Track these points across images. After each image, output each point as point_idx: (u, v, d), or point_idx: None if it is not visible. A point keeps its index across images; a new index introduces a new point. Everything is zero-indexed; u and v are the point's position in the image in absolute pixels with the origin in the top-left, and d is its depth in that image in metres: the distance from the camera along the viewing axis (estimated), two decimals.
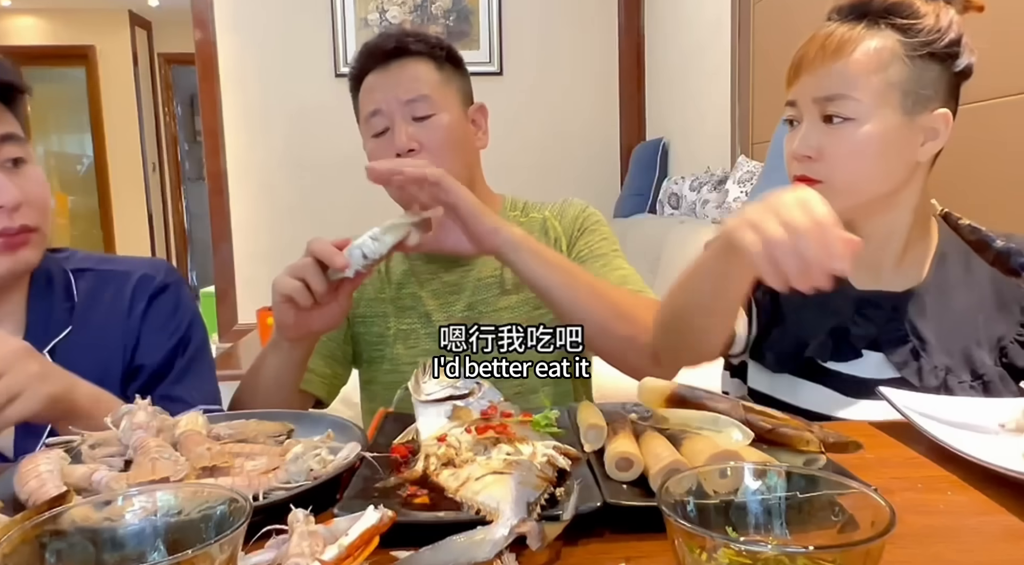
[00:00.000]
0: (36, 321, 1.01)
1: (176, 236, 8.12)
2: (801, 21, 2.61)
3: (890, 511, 0.45)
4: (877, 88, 0.92)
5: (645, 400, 0.77)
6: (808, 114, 0.96)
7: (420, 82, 1.18)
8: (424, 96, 1.17)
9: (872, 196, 0.96)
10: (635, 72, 4.20)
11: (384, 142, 1.18)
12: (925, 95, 0.93)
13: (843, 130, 0.93)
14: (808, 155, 0.94)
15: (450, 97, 1.21)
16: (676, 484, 0.50)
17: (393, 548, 0.54)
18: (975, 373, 0.95)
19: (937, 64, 0.93)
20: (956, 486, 0.69)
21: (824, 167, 0.94)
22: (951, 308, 0.98)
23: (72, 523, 0.47)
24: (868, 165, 0.93)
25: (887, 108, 0.92)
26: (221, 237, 4.05)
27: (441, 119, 1.18)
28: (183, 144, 8.36)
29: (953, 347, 0.96)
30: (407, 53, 1.19)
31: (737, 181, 2.74)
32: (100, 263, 1.11)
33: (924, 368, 0.95)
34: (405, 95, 1.17)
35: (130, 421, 0.75)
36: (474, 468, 0.63)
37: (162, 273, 1.11)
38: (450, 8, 4.04)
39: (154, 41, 7.78)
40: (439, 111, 1.18)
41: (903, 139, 0.94)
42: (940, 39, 0.92)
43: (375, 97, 1.19)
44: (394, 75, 1.18)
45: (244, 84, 3.97)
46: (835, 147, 0.93)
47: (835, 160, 0.93)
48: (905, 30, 0.92)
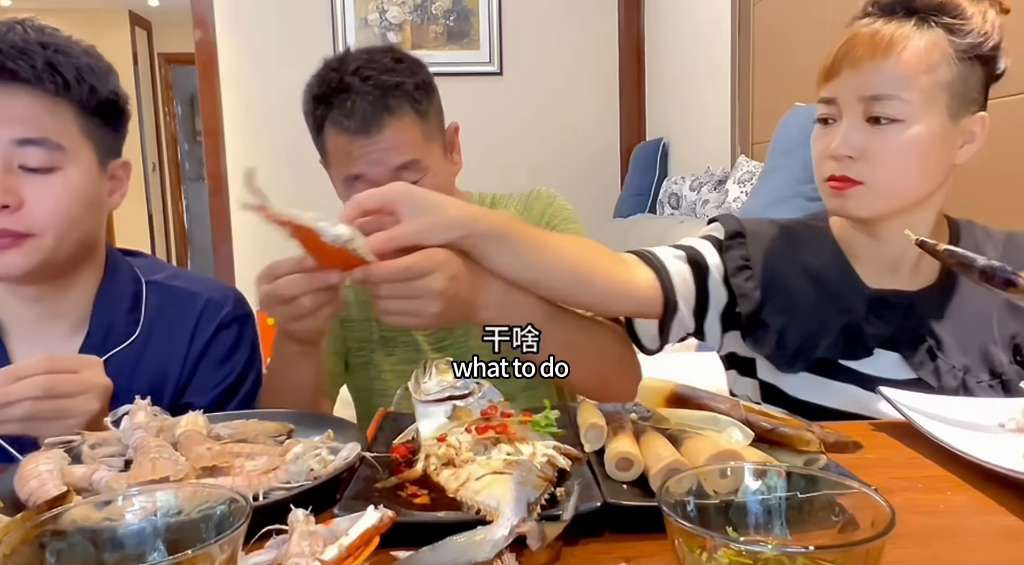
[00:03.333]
0: (99, 325, 1.01)
1: (176, 236, 8.13)
2: (801, 21, 2.62)
3: (890, 511, 0.45)
4: (926, 89, 0.89)
5: (645, 400, 0.77)
6: (850, 112, 0.92)
7: (407, 148, 1.10)
8: (413, 161, 1.10)
9: (910, 199, 0.94)
10: (635, 72, 4.21)
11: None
12: (969, 98, 0.92)
13: (889, 131, 0.90)
14: (850, 155, 0.92)
15: (434, 148, 1.15)
16: (676, 484, 0.50)
17: (393, 548, 0.54)
18: (993, 372, 0.94)
19: (980, 67, 0.92)
20: (956, 486, 0.69)
21: (866, 168, 0.91)
22: (965, 307, 0.97)
23: (72, 523, 0.47)
24: (912, 168, 0.92)
25: (934, 110, 0.90)
26: (221, 237, 4.06)
27: (429, 181, 1.11)
28: (183, 144, 8.37)
29: (970, 346, 0.95)
30: (388, 114, 1.08)
31: (737, 181, 2.74)
32: (169, 278, 1.09)
33: (942, 368, 0.93)
34: (393, 163, 1.09)
35: (130, 421, 0.75)
36: (474, 468, 0.62)
37: (231, 302, 1.09)
38: (450, 8, 4.04)
39: (154, 41, 7.79)
40: (427, 171, 1.12)
41: (946, 142, 0.92)
42: (986, 41, 0.90)
43: (355, 164, 1.10)
44: (376, 142, 1.09)
45: (244, 84, 3.97)
46: (880, 148, 0.91)
47: (879, 162, 0.91)
48: (953, 30, 0.90)
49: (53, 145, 0.93)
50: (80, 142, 0.96)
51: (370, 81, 1.09)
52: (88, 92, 0.95)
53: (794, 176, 2.16)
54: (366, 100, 1.08)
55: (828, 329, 0.96)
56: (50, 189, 0.93)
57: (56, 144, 0.93)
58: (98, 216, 1.01)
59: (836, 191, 0.94)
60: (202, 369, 1.05)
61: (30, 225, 0.92)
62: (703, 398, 0.73)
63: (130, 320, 1.03)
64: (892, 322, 0.96)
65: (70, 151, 0.95)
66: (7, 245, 0.93)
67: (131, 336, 1.02)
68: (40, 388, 0.78)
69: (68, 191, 0.94)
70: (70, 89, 0.94)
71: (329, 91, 1.10)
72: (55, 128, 0.93)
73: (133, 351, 1.01)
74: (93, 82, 0.96)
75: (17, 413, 0.78)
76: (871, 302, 0.97)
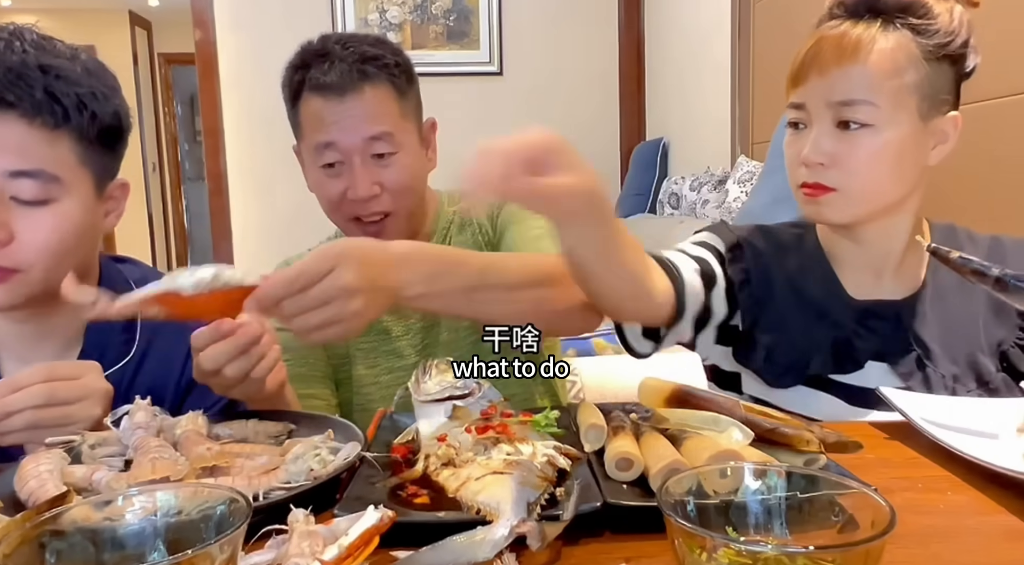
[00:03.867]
0: (93, 343, 0.97)
1: (176, 236, 8.13)
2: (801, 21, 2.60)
3: (890, 511, 0.45)
4: (895, 93, 0.88)
5: (645, 400, 0.77)
6: (819, 118, 0.91)
7: (382, 118, 1.08)
8: (386, 133, 1.08)
9: (885, 203, 0.93)
10: (635, 72, 4.21)
11: (339, 180, 1.09)
12: (939, 99, 0.91)
13: (860, 136, 0.89)
14: (821, 162, 0.91)
15: (409, 129, 1.13)
16: (676, 484, 0.50)
17: (393, 548, 0.54)
18: (980, 380, 0.93)
19: (949, 66, 0.91)
20: (956, 486, 0.69)
21: (839, 174, 0.90)
22: (951, 314, 0.96)
23: (72, 523, 0.47)
24: (885, 172, 0.91)
25: (904, 113, 0.89)
26: (221, 237, 4.05)
27: (402, 158, 1.10)
28: (183, 144, 8.37)
29: (958, 355, 0.94)
30: (366, 81, 1.07)
31: (737, 181, 2.74)
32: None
33: (931, 378, 0.92)
34: (367, 132, 1.07)
35: (130, 421, 0.75)
36: (474, 468, 0.63)
37: None
38: (450, 8, 4.04)
39: (154, 41, 7.79)
40: (400, 148, 1.10)
41: (918, 144, 0.91)
42: (954, 40, 0.89)
43: (328, 129, 1.08)
44: (351, 109, 1.07)
45: (244, 84, 3.97)
46: (851, 154, 0.89)
47: (851, 167, 0.90)
48: (920, 31, 0.89)
49: (48, 177, 0.87)
50: (77, 171, 0.90)
51: (350, 48, 1.08)
52: (89, 120, 0.89)
53: None
54: (345, 62, 1.07)
55: (818, 345, 0.95)
56: (42, 222, 0.87)
57: (52, 175, 0.87)
58: (92, 243, 0.97)
59: (810, 198, 0.93)
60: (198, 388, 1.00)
61: (18, 260, 0.87)
62: (703, 398, 0.73)
63: (125, 338, 0.99)
64: (880, 333, 0.95)
65: (66, 182, 0.89)
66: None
67: (127, 354, 0.98)
68: (41, 397, 0.77)
69: (60, 223, 0.89)
70: (70, 120, 0.88)
71: (308, 56, 1.10)
72: (52, 159, 0.87)
73: (128, 369, 0.98)
74: (95, 109, 0.90)
75: (19, 423, 0.77)
76: (858, 315, 0.96)
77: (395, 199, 1.10)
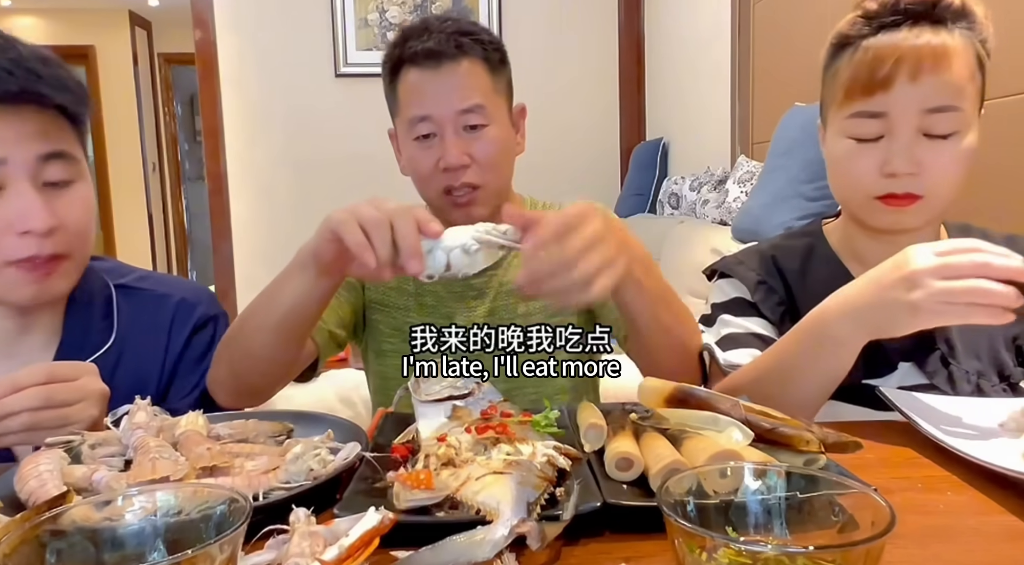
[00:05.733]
0: (72, 336, 0.99)
1: (176, 236, 8.13)
2: (801, 21, 2.62)
3: (890, 511, 0.45)
4: (973, 97, 0.90)
5: (645, 400, 0.77)
6: (906, 126, 0.89)
7: (475, 90, 1.13)
8: (479, 106, 1.12)
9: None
10: (635, 72, 4.21)
11: (432, 152, 1.13)
12: (982, 100, 0.93)
13: (949, 142, 0.89)
14: (912, 172, 0.90)
15: (500, 105, 1.17)
16: (676, 484, 0.50)
17: (393, 548, 0.54)
18: (1002, 375, 0.93)
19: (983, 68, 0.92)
20: (956, 486, 0.69)
21: (926, 182, 0.90)
22: None
23: (72, 523, 0.47)
24: (963, 176, 0.91)
25: (975, 116, 0.91)
26: (221, 237, 4.05)
27: (492, 132, 1.14)
28: (183, 144, 8.37)
29: (980, 350, 0.94)
30: (462, 54, 1.12)
31: (737, 181, 2.74)
32: (138, 281, 1.07)
33: (955, 374, 0.92)
34: (460, 104, 1.11)
35: (130, 421, 0.75)
36: (474, 468, 0.62)
37: (204, 303, 1.08)
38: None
39: (154, 41, 7.78)
40: (491, 121, 1.14)
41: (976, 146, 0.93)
42: (989, 40, 0.91)
43: (424, 101, 1.13)
44: (446, 79, 1.12)
45: (244, 84, 3.97)
46: (937, 160, 0.89)
47: (937, 174, 0.90)
48: (975, 33, 0.90)
49: (70, 157, 0.92)
50: (80, 153, 0.95)
51: (448, 24, 1.14)
52: (75, 103, 0.93)
53: (794, 176, 2.16)
54: (443, 34, 1.12)
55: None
56: (72, 205, 0.92)
57: (72, 156, 0.92)
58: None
59: (897, 207, 0.92)
60: (181, 373, 1.03)
61: (69, 246, 0.91)
62: (703, 398, 0.73)
63: (103, 326, 1.00)
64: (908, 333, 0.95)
65: (80, 162, 0.94)
66: (53, 269, 0.91)
67: (106, 344, 1.00)
68: (39, 399, 0.78)
69: (87, 204, 0.94)
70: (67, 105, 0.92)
71: (409, 32, 1.15)
72: (66, 141, 0.93)
73: (109, 358, 0.98)
74: (78, 92, 0.94)
75: (17, 424, 0.78)
76: None
77: (484, 172, 1.13)
